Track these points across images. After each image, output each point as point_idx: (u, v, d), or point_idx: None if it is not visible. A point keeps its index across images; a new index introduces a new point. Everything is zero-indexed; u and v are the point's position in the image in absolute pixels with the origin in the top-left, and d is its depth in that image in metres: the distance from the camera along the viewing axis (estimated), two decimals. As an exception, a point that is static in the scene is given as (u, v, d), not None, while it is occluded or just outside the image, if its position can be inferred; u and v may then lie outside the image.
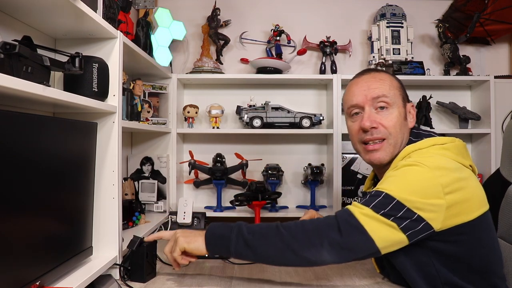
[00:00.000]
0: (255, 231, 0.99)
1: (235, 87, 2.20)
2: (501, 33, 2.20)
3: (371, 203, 0.93)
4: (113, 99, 1.24)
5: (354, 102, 1.11)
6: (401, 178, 0.96)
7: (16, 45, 0.77)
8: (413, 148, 1.03)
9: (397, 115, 1.07)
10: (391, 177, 0.98)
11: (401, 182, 0.95)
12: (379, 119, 1.07)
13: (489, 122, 2.04)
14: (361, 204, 0.95)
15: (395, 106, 1.08)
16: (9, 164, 0.77)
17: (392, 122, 1.06)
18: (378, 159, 1.08)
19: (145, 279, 1.16)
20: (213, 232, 1.04)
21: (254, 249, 0.97)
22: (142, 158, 1.97)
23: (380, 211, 0.91)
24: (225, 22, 2.21)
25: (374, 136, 1.07)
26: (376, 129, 1.07)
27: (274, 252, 0.96)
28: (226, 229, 1.02)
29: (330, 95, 2.08)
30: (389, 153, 1.07)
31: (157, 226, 1.70)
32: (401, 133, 1.07)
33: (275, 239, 0.96)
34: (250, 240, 0.97)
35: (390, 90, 1.08)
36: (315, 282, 1.15)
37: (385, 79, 1.10)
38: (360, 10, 2.27)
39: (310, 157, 2.20)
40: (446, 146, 1.02)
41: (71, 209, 1.05)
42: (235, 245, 0.98)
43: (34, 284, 0.86)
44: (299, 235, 0.95)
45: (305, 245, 0.94)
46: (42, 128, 0.90)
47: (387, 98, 1.07)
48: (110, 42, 1.24)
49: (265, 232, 0.98)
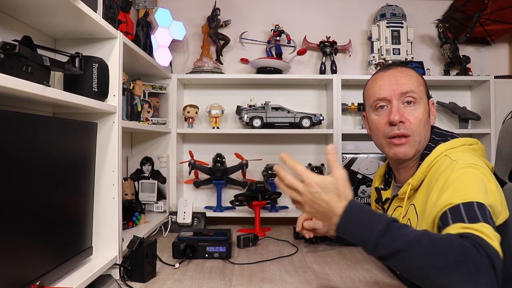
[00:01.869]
0: (402, 239, 0.77)
1: (235, 87, 2.20)
2: (501, 33, 2.20)
3: (478, 217, 0.82)
4: (113, 99, 1.24)
5: (382, 95, 1.10)
6: (471, 181, 0.90)
7: (16, 45, 0.77)
8: (446, 148, 1.03)
9: (423, 112, 1.08)
10: (457, 184, 0.90)
11: (476, 186, 0.89)
12: (406, 114, 1.07)
13: (489, 122, 2.04)
14: (475, 224, 0.81)
15: (421, 102, 1.08)
16: (9, 164, 0.77)
17: (418, 118, 1.06)
18: (404, 153, 1.07)
19: (145, 279, 1.16)
20: (348, 235, 0.82)
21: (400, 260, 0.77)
22: (142, 158, 1.97)
23: (487, 220, 0.82)
24: (225, 22, 2.21)
25: (401, 131, 1.06)
26: (403, 124, 1.06)
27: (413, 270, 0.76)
28: (363, 232, 0.79)
29: (330, 95, 2.08)
30: (414, 148, 1.07)
31: (157, 226, 1.70)
32: (425, 130, 1.08)
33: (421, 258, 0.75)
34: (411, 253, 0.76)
35: (418, 86, 1.09)
36: (315, 282, 1.15)
37: (412, 75, 1.10)
38: (360, 10, 2.27)
39: (310, 157, 2.20)
40: (474, 147, 1.04)
41: (71, 209, 1.05)
42: (372, 249, 0.78)
43: (34, 284, 0.86)
44: (460, 261, 0.74)
45: (463, 276, 0.73)
46: (42, 128, 0.90)
47: (415, 94, 1.07)
48: (110, 42, 1.24)
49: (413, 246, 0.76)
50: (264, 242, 1.65)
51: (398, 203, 1.12)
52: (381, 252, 0.77)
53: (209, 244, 1.38)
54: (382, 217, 0.80)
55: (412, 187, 1.05)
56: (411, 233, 0.77)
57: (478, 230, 0.79)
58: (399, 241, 0.76)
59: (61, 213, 1.00)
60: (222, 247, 1.38)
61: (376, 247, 0.77)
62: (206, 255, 1.38)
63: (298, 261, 1.37)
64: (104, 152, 1.22)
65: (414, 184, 1.05)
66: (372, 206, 1.33)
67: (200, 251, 1.38)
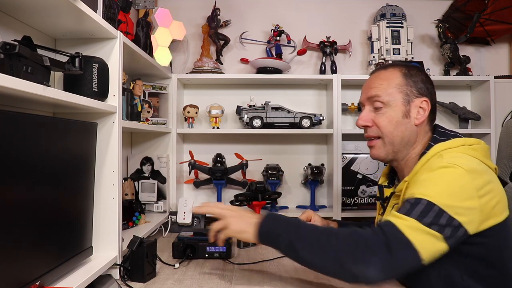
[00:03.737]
0: (305, 235, 0.96)
1: (235, 87, 2.20)
2: (501, 33, 2.20)
3: (414, 212, 0.90)
4: (113, 99, 1.24)
5: (359, 99, 1.17)
6: (438, 181, 0.93)
7: (16, 45, 0.77)
8: (443, 147, 1.03)
9: (391, 114, 1.08)
10: (428, 181, 0.95)
11: (440, 186, 0.92)
12: (374, 118, 1.11)
13: (489, 122, 2.04)
14: (403, 214, 0.91)
15: (391, 105, 1.09)
16: (9, 164, 0.77)
17: (385, 121, 1.09)
18: (375, 155, 1.13)
19: (145, 279, 1.16)
20: (264, 228, 1.00)
21: (300, 254, 0.95)
22: (142, 158, 1.97)
23: (423, 220, 0.88)
24: (225, 22, 2.21)
25: (368, 133, 1.13)
26: (370, 128, 1.11)
27: (321, 261, 0.93)
28: (278, 226, 1.00)
29: (330, 95, 2.08)
30: (384, 150, 1.11)
31: (157, 226, 1.70)
32: (399, 131, 1.08)
33: (325, 248, 0.93)
34: (297, 245, 0.95)
35: (386, 89, 1.09)
36: (315, 282, 1.16)
37: (384, 78, 1.11)
38: (360, 10, 2.27)
39: (310, 157, 2.20)
40: (475, 147, 1.02)
41: (71, 209, 1.05)
42: (284, 245, 0.97)
43: (34, 284, 0.86)
44: (349, 248, 0.91)
45: (353, 259, 0.89)
46: (42, 128, 0.90)
47: (380, 98, 1.09)
48: (110, 42, 1.24)
49: (316, 239, 0.95)
50: (264, 242, 1.65)
51: (395, 200, 1.12)
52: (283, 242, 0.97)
53: (209, 244, 1.38)
54: (292, 220, 1.01)
55: (408, 185, 1.05)
56: (318, 228, 0.98)
57: (398, 217, 0.91)
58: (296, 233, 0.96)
59: (61, 213, 1.00)
60: (222, 247, 1.38)
61: (285, 249, 0.97)
62: (206, 255, 1.38)
63: (298, 261, 1.37)
64: (104, 152, 1.22)
65: (410, 182, 1.05)
66: (378, 205, 1.33)
67: (200, 251, 1.38)
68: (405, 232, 0.88)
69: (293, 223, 1.00)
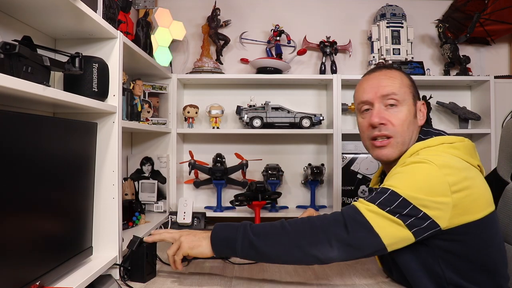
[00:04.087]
0: (260, 231, 0.99)
1: (235, 87, 2.20)
2: (501, 33, 2.20)
3: (377, 199, 0.93)
4: (113, 99, 1.24)
5: (365, 98, 1.11)
6: (408, 175, 0.96)
7: (16, 45, 0.77)
8: (422, 146, 1.04)
9: (406, 113, 1.07)
10: (398, 174, 0.98)
11: (408, 179, 0.95)
12: (387, 116, 1.07)
13: (489, 122, 2.04)
14: (367, 200, 0.95)
15: (404, 104, 1.08)
16: (9, 164, 0.77)
17: (401, 120, 1.07)
18: (386, 155, 1.09)
19: (145, 279, 1.16)
20: (218, 235, 1.04)
21: (261, 250, 0.98)
22: (142, 158, 1.97)
23: (386, 208, 0.91)
24: (225, 22, 2.21)
25: (382, 132, 1.08)
26: (385, 126, 1.07)
27: (281, 250, 0.97)
28: (231, 230, 1.02)
29: (330, 95, 2.08)
30: (396, 150, 1.08)
31: (157, 226, 1.70)
32: (409, 131, 1.08)
33: (282, 237, 0.97)
34: (256, 241, 0.98)
35: (400, 88, 1.09)
36: (315, 282, 1.16)
37: (395, 77, 1.10)
38: (360, 10, 2.27)
39: (310, 157, 2.20)
40: (455, 145, 1.03)
41: (71, 209, 1.05)
42: (241, 247, 0.99)
43: (34, 284, 0.86)
44: (306, 232, 0.95)
45: (312, 242, 0.94)
46: (42, 128, 0.90)
47: (397, 96, 1.07)
48: (110, 42, 1.24)
49: (272, 231, 0.99)
50: (264, 242, 1.65)
51: None
52: (245, 250, 0.99)
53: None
54: (238, 224, 1.03)
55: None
56: (265, 225, 1.02)
57: (360, 203, 0.95)
58: (255, 236, 0.98)
59: (61, 213, 1.00)
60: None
61: (242, 249, 0.99)
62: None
63: (298, 261, 1.37)
64: (104, 152, 1.22)
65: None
66: None
67: (200, 251, 1.37)
68: (365, 215, 0.92)
69: (244, 224, 1.02)
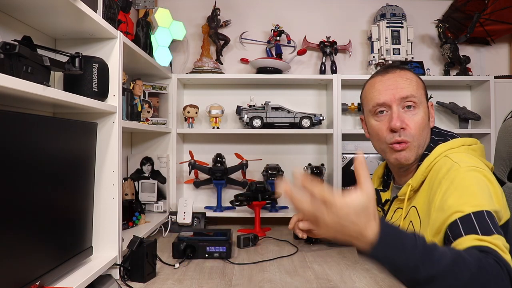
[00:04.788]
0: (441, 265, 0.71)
1: (235, 87, 2.20)
2: (501, 33, 2.20)
3: (490, 228, 0.82)
4: (113, 99, 1.24)
5: (381, 100, 1.06)
6: (474, 187, 0.89)
7: (16, 45, 0.77)
8: (445, 148, 1.01)
9: (423, 116, 1.05)
10: (463, 188, 0.88)
11: (480, 191, 0.88)
12: (406, 120, 1.04)
13: (489, 122, 2.04)
14: (489, 236, 0.80)
15: (421, 106, 1.06)
16: (9, 164, 0.77)
17: (418, 123, 1.04)
18: (405, 158, 1.05)
19: (145, 279, 1.16)
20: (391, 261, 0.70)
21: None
22: (142, 158, 1.97)
23: (499, 231, 0.82)
24: (225, 22, 2.21)
25: (402, 137, 1.04)
26: (404, 131, 1.04)
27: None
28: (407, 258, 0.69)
29: (330, 95, 2.08)
30: (414, 153, 1.05)
31: (157, 226, 1.70)
32: (425, 134, 1.06)
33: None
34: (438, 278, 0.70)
35: (417, 90, 1.06)
36: (315, 282, 1.15)
37: (412, 78, 1.08)
38: (360, 10, 2.27)
39: (310, 157, 2.20)
40: (473, 148, 1.03)
41: (71, 209, 1.05)
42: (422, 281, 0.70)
43: (34, 284, 0.86)
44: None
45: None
46: (42, 128, 0.90)
47: (415, 98, 1.04)
48: (110, 42, 1.24)
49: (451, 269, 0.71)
50: (264, 242, 1.65)
51: (398, 204, 1.11)
52: (418, 277, 0.69)
53: (209, 244, 1.38)
54: (417, 239, 0.72)
55: (412, 188, 1.04)
56: (446, 257, 0.71)
57: (492, 243, 0.79)
58: (436, 266, 0.70)
59: (61, 213, 1.00)
60: (222, 247, 1.38)
61: (414, 272, 0.69)
62: (206, 255, 1.38)
63: (298, 261, 1.37)
64: (104, 152, 1.22)
65: (414, 185, 1.04)
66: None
67: (200, 251, 1.38)
68: (505, 257, 0.77)
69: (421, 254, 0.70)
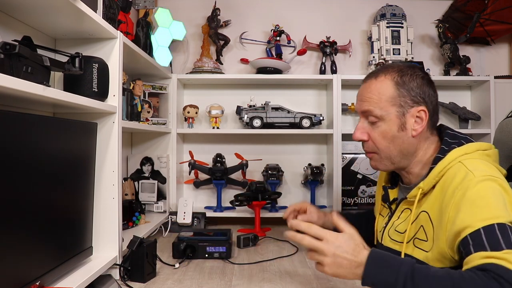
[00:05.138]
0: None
1: (235, 87, 2.20)
2: (501, 33, 2.20)
3: (501, 242, 0.81)
4: (113, 99, 1.24)
5: (355, 107, 1.12)
6: (487, 199, 0.87)
7: (16, 45, 0.77)
8: (460, 153, 0.98)
9: (386, 128, 1.03)
10: (476, 200, 0.87)
11: (493, 202, 0.86)
12: (369, 131, 1.07)
13: (489, 122, 2.04)
14: (498, 252, 0.80)
15: (387, 118, 1.03)
16: (9, 164, 0.77)
17: (380, 137, 1.05)
18: (374, 166, 1.10)
19: (145, 279, 1.16)
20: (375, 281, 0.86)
21: None
22: (142, 158, 1.97)
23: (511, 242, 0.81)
24: (225, 22, 2.21)
25: (365, 149, 1.09)
26: (366, 142, 1.08)
27: None
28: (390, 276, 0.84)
29: (330, 95, 2.08)
30: (383, 164, 1.08)
31: (157, 226, 1.70)
32: (396, 145, 1.04)
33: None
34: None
35: (378, 103, 1.04)
36: (315, 282, 1.15)
37: (377, 91, 1.04)
38: (360, 10, 2.27)
39: (310, 157, 2.20)
40: (488, 153, 1.01)
41: (71, 209, 1.05)
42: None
43: (34, 284, 0.86)
44: None
45: None
46: (42, 128, 0.90)
47: (374, 112, 1.04)
48: (110, 42, 1.24)
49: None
50: (264, 242, 1.65)
51: (406, 205, 1.09)
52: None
53: (209, 244, 1.38)
54: (405, 260, 0.85)
55: (423, 191, 1.01)
56: (435, 277, 0.81)
57: (500, 258, 0.79)
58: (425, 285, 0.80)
59: (61, 213, 1.00)
60: (222, 247, 1.38)
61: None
62: (206, 255, 1.38)
63: (298, 261, 1.37)
64: (104, 152, 1.23)
65: (424, 189, 1.01)
66: (378, 204, 1.32)
67: (200, 251, 1.38)
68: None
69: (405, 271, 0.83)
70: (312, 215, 1.35)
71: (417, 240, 1.01)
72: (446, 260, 0.93)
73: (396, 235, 1.08)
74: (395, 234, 1.09)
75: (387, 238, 1.12)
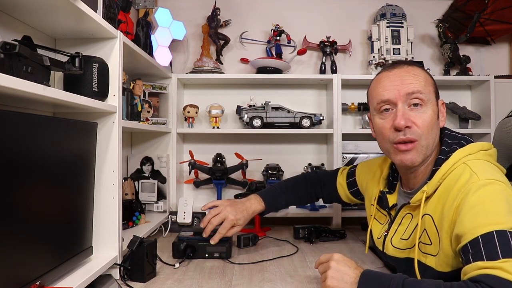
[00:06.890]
0: None
1: (235, 87, 2.20)
2: (501, 33, 2.20)
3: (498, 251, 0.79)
4: (113, 99, 1.24)
5: (386, 97, 1.02)
6: (490, 204, 0.85)
7: (16, 45, 0.77)
8: (464, 154, 0.97)
9: (431, 114, 0.99)
10: (478, 206, 0.85)
11: (495, 207, 0.84)
12: (412, 118, 0.99)
13: (489, 122, 2.04)
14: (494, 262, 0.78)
15: (429, 104, 1.00)
16: (9, 164, 0.77)
17: (426, 121, 0.98)
18: (411, 160, 1.00)
19: (145, 279, 1.16)
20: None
21: None
22: (142, 158, 1.97)
23: (509, 250, 0.79)
24: (225, 22, 2.21)
25: (407, 136, 0.99)
26: (410, 129, 0.99)
27: None
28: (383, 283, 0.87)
29: (330, 95, 2.08)
30: (421, 154, 1.00)
31: (157, 226, 1.70)
32: (433, 134, 1.00)
33: None
34: None
35: (425, 86, 1.01)
36: (315, 282, 1.16)
37: (419, 74, 1.02)
38: (360, 10, 2.27)
39: (310, 157, 2.20)
40: (489, 153, 1.00)
41: (71, 209, 1.05)
42: None
43: (34, 284, 0.86)
44: None
45: None
46: (42, 128, 0.90)
47: (422, 95, 0.99)
48: (110, 42, 1.24)
49: None
50: (264, 242, 1.65)
51: (407, 210, 1.06)
52: None
53: (209, 244, 1.38)
54: (397, 276, 0.88)
55: (427, 195, 0.99)
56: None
57: (495, 267, 0.78)
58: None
59: (61, 213, 1.00)
60: (222, 247, 1.38)
61: None
62: (206, 255, 1.38)
63: (298, 261, 1.37)
64: (104, 152, 1.22)
65: (429, 192, 0.98)
66: (367, 209, 1.31)
67: (200, 251, 1.38)
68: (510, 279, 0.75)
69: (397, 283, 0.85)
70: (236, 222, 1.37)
71: (421, 244, 0.99)
72: (454, 263, 0.92)
73: (401, 242, 1.06)
74: (400, 242, 1.07)
75: (390, 247, 1.10)
